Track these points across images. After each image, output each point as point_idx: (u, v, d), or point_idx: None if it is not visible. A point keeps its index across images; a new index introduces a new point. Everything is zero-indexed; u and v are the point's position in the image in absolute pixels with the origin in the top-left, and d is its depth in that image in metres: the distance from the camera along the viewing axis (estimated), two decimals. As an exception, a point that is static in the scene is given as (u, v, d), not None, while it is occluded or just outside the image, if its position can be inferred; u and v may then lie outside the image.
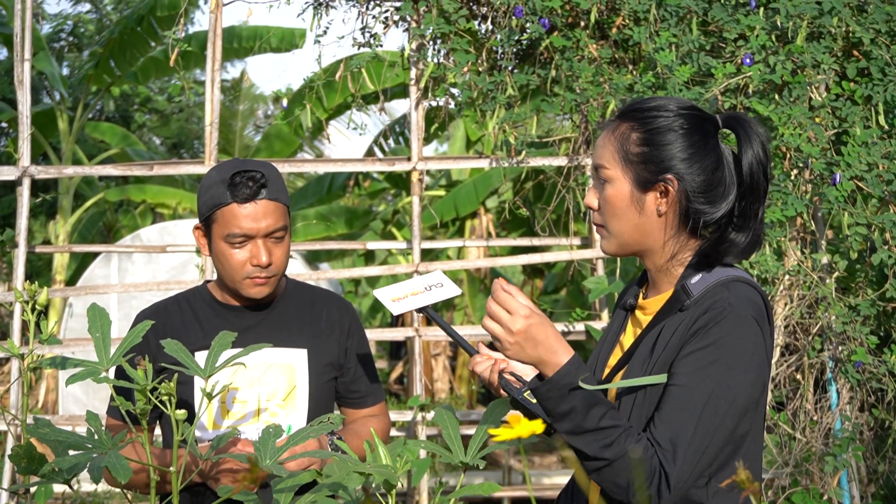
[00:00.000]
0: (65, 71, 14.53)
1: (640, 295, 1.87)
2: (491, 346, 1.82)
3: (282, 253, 2.26)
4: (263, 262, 2.20)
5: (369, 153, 12.01)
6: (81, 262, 12.39)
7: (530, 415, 1.75)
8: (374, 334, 4.89)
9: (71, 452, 1.59)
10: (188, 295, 2.37)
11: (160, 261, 9.69)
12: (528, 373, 1.86)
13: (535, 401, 1.79)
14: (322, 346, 2.32)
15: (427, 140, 11.72)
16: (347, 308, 2.42)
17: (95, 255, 10.23)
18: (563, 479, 7.85)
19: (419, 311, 2.02)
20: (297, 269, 8.87)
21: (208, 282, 2.40)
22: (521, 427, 1.13)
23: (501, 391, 1.79)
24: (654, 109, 1.76)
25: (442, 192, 11.56)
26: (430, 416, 4.56)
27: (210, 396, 1.63)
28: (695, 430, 1.61)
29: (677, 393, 1.64)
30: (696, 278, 1.73)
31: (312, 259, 12.74)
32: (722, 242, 1.74)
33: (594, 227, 1.88)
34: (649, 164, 1.73)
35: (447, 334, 2.00)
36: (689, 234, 1.75)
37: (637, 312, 1.85)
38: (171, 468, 1.53)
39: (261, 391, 2.25)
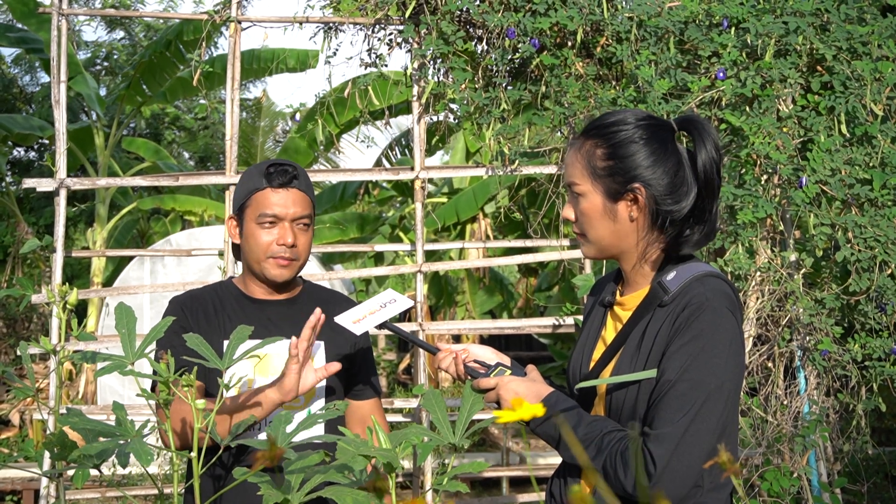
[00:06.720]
0: (102, 92, 14.52)
1: (617, 292, 1.83)
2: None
3: (306, 240, 2.28)
4: (289, 242, 2.23)
5: (378, 164, 12.00)
6: (118, 266, 12.38)
7: None
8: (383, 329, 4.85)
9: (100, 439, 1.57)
10: (216, 287, 2.37)
11: (189, 263, 9.69)
12: (490, 356, 1.87)
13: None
14: (337, 340, 2.31)
15: (432, 151, 11.69)
16: None
17: (130, 258, 10.22)
18: (558, 460, 7.81)
19: (379, 327, 2.03)
20: (312, 270, 8.86)
21: (232, 277, 2.40)
22: (523, 409, 1.12)
23: (469, 377, 1.82)
24: (614, 125, 1.72)
25: (445, 199, 11.54)
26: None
27: (227, 387, 1.61)
28: (689, 417, 1.56)
29: (668, 386, 1.59)
30: (671, 275, 1.70)
31: (327, 261, 12.72)
32: (681, 236, 1.71)
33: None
34: (616, 176, 1.70)
35: (409, 340, 2.01)
36: (658, 232, 1.72)
37: (616, 308, 1.81)
38: (192, 453, 1.52)
39: None
